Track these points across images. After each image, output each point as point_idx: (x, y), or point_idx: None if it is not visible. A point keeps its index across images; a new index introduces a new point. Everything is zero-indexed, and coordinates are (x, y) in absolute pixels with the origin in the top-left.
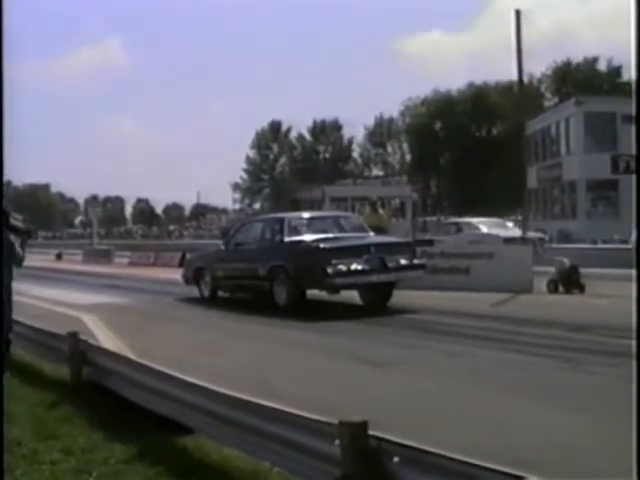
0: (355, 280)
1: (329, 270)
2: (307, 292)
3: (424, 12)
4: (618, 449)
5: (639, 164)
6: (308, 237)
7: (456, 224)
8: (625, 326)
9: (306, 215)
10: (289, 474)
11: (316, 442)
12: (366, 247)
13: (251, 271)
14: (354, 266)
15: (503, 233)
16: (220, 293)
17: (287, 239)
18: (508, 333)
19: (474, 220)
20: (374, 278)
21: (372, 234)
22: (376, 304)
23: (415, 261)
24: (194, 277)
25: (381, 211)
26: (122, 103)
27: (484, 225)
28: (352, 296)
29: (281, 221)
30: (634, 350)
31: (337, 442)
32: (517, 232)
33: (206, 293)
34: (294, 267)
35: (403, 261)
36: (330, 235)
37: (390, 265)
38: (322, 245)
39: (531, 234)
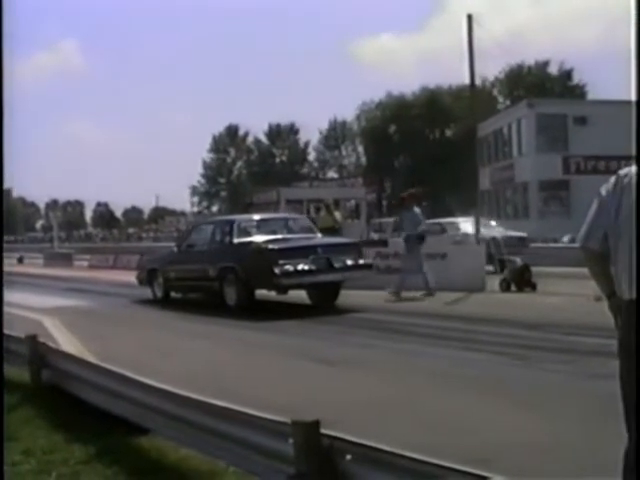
0: (302, 280)
1: (276, 270)
2: (258, 292)
3: (376, 15)
4: (569, 446)
5: (639, 163)
6: (256, 238)
7: (439, 224)
8: (576, 323)
9: (255, 217)
10: (244, 473)
11: (270, 441)
12: (313, 248)
13: (202, 272)
14: (301, 266)
15: (488, 233)
16: (173, 294)
17: (236, 240)
18: (462, 332)
19: (458, 220)
20: (321, 278)
21: (320, 235)
22: (324, 303)
23: (361, 261)
24: (147, 279)
25: (336, 213)
26: (81, 107)
27: (467, 225)
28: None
29: (231, 223)
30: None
31: (290, 441)
32: (502, 231)
33: (159, 294)
34: (243, 268)
35: (349, 261)
36: (278, 236)
37: (336, 265)
38: (270, 246)
39: (513, 233)
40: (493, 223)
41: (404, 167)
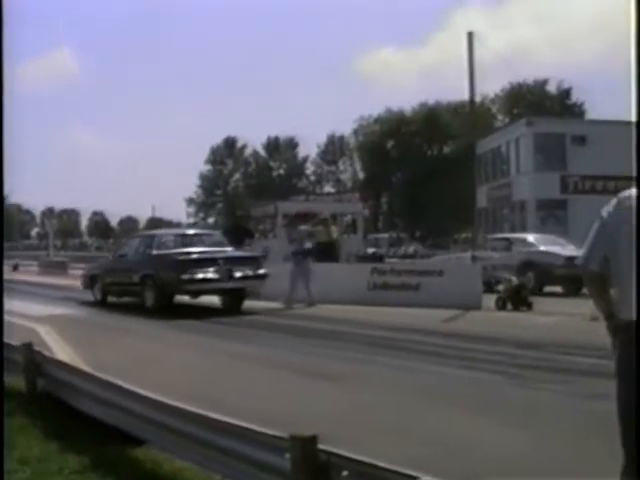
0: (206, 286)
1: (184, 278)
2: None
3: (378, 29)
4: (560, 466)
5: (639, 170)
6: (171, 251)
7: (506, 239)
8: (572, 343)
9: (173, 232)
10: None
11: (267, 455)
12: (216, 260)
13: (128, 278)
14: (205, 275)
15: (562, 251)
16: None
17: (155, 252)
18: (458, 349)
19: (527, 236)
20: (222, 285)
21: (229, 249)
22: (232, 307)
23: (260, 272)
24: (89, 283)
25: (333, 228)
26: (79, 116)
27: (538, 241)
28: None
29: (152, 237)
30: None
31: (287, 456)
32: (575, 250)
33: (98, 297)
34: (159, 275)
35: (248, 272)
36: (190, 249)
37: (236, 275)
38: (180, 257)
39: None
40: (562, 241)
41: (401, 183)
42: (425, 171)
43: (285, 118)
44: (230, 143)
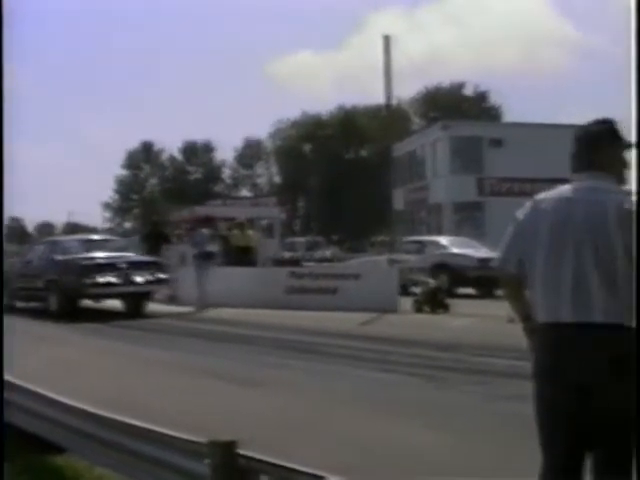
0: (107, 291)
1: (86, 282)
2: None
3: (294, 32)
4: (480, 468)
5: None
6: (73, 256)
7: (419, 242)
8: (488, 345)
9: (77, 238)
10: None
11: (186, 461)
12: (117, 265)
13: (34, 284)
14: (106, 279)
15: (475, 253)
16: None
17: (59, 258)
18: (376, 352)
19: (440, 239)
20: (123, 289)
21: (132, 254)
22: (134, 311)
23: (160, 276)
24: None
25: (250, 232)
26: None
27: (451, 243)
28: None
29: (56, 243)
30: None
31: (207, 461)
32: (489, 252)
33: (6, 302)
34: (62, 280)
35: (148, 277)
36: (93, 255)
37: (137, 279)
38: (82, 263)
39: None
40: (475, 243)
41: (318, 186)
42: (342, 174)
43: (202, 122)
44: (147, 147)
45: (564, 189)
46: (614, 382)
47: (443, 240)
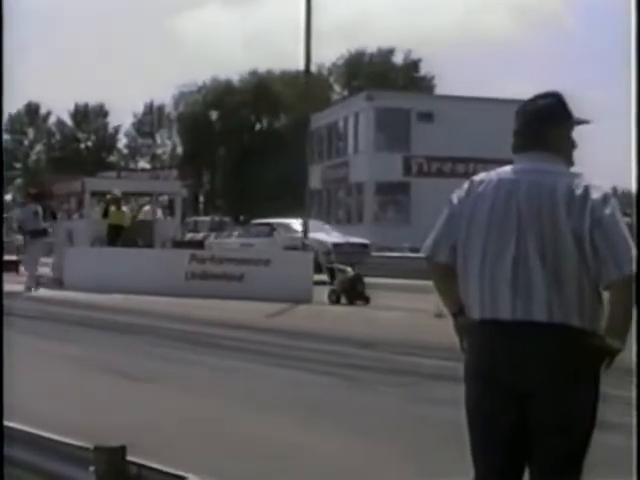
0: None
1: None
2: None
3: None
4: (387, 477)
5: None
6: None
7: (269, 225)
8: (413, 342)
9: None
10: None
11: (70, 469)
12: None
13: None
14: None
15: (328, 238)
16: None
17: None
18: (285, 347)
19: (291, 221)
20: None
21: None
22: None
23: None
24: None
25: (124, 209)
26: None
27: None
28: None
29: None
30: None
31: (92, 469)
32: (341, 236)
33: None
34: None
35: None
36: None
37: None
38: None
39: (355, 239)
40: (327, 227)
41: (225, 159)
42: (253, 147)
43: (95, 83)
44: (32, 110)
45: (505, 170)
46: (556, 388)
47: (294, 223)
